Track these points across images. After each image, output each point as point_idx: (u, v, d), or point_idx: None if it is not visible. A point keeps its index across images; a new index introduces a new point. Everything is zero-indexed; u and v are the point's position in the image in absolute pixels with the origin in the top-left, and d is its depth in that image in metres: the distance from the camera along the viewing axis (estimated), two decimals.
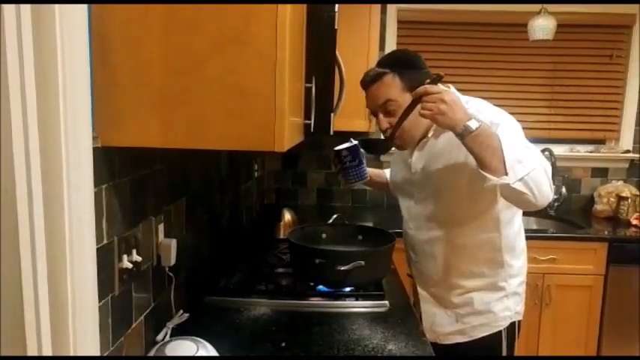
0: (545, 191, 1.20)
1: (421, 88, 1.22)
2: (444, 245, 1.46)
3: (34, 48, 0.71)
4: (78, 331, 0.80)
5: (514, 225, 1.46)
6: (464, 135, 1.18)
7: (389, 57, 1.43)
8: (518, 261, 1.49)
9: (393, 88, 1.36)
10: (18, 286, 0.73)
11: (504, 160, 1.17)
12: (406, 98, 1.32)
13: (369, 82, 1.39)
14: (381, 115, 1.40)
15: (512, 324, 1.49)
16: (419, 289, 1.59)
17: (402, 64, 1.37)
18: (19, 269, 0.72)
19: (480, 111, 1.31)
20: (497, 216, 1.40)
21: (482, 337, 1.48)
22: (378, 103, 1.38)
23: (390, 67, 1.37)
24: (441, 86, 1.24)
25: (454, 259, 1.46)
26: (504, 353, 1.49)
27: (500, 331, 1.47)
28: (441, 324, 1.51)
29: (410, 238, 1.57)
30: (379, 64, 1.41)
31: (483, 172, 1.20)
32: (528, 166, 1.18)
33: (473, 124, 1.17)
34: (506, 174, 1.17)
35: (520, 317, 1.52)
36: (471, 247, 1.43)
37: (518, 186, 1.18)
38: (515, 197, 1.22)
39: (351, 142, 1.52)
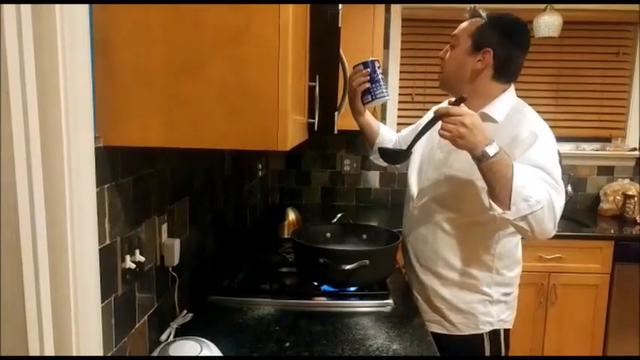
0: (546, 230, 1.20)
1: (443, 108, 1.21)
2: (439, 230, 1.45)
3: (34, 47, 0.71)
4: (81, 331, 0.80)
5: (515, 236, 1.45)
6: (481, 160, 1.18)
7: (498, 15, 1.42)
8: (510, 272, 1.47)
9: (466, 30, 1.41)
10: (20, 287, 0.72)
11: (511, 195, 1.17)
12: (465, 44, 1.39)
13: (468, 16, 1.44)
14: (448, 45, 1.47)
15: (496, 331, 1.47)
16: (406, 272, 1.59)
17: (493, 23, 1.38)
18: (21, 270, 0.72)
19: (526, 118, 1.33)
20: (500, 223, 1.39)
21: (463, 336, 1.46)
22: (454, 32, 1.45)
23: (487, 18, 1.39)
24: (464, 107, 1.23)
25: (445, 248, 1.45)
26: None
27: (481, 335, 1.45)
28: (422, 309, 1.50)
29: (409, 218, 1.57)
30: (491, 14, 1.42)
31: (490, 200, 1.21)
32: (534, 205, 1.16)
33: (491, 151, 1.16)
34: (510, 208, 1.17)
35: (506, 326, 1.49)
36: (464, 242, 1.42)
37: (518, 222, 1.19)
38: (514, 228, 1.25)
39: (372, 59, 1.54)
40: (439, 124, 1.22)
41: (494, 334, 1.46)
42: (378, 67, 1.52)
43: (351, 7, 2.37)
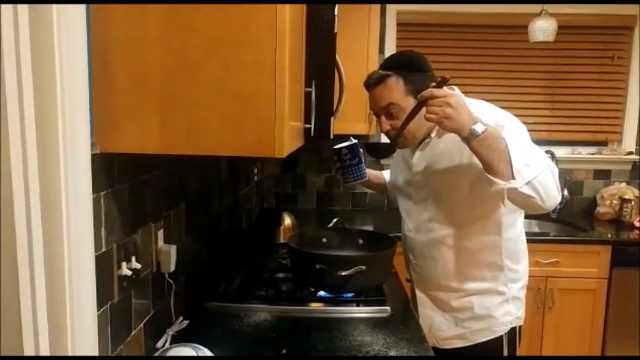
0: (552, 194, 1.19)
1: (427, 92, 1.21)
2: (444, 248, 1.44)
3: (31, 53, 0.71)
4: (77, 339, 0.80)
5: (516, 228, 1.45)
6: (470, 139, 1.17)
7: (393, 59, 1.42)
8: (519, 265, 1.48)
9: (396, 91, 1.34)
10: (16, 294, 0.72)
11: (511, 164, 1.16)
12: (409, 102, 1.32)
13: (372, 84, 1.38)
14: (383, 118, 1.39)
15: (513, 329, 1.47)
16: (417, 292, 1.57)
17: (407, 66, 1.36)
18: (17, 277, 0.71)
19: (484, 113, 1.30)
20: (500, 219, 1.39)
21: (483, 342, 1.46)
22: (381, 105, 1.38)
23: (394, 70, 1.35)
24: (446, 89, 1.23)
25: (454, 262, 1.44)
26: None
27: (501, 337, 1.46)
28: (440, 328, 1.50)
29: (409, 241, 1.56)
30: (383, 66, 1.40)
31: (490, 176, 1.19)
32: (535, 169, 1.17)
33: (479, 128, 1.16)
34: (514, 178, 1.17)
35: (521, 322, 1.50)
36: (471, 251, 1.42)
37: (526, 190, 1.17)
38: (522, 201, 1.22)
39: (351, 140, 1.52)
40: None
41: (511, 332, 1.47)
42: (345, 154, 1.51)
43: (346, 11, 2.37)
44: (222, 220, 1.85)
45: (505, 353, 1.47)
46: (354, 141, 1.52)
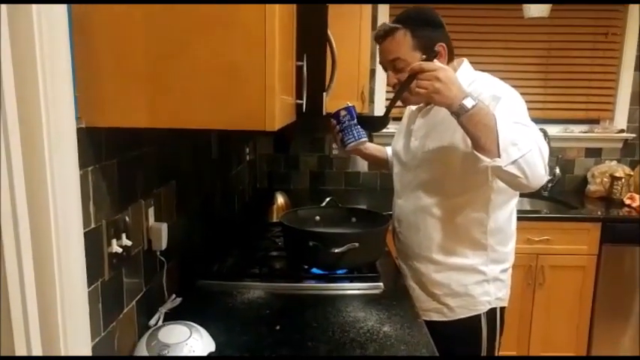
0: (538, 174, 1.18)
1: (416, 65, 1.20)
2: (428, 217, 1.44)
3: (9, 25, 0.68)
4: (67, 317, 0.79)
5: (506, 210, 1.44)
6: (459, 114, 1.16)
7: (404, 13, 1.40)
8: (504, 247, 1.46)
9: (403, 45, 1.35)
10: (2, 273, 0.70)
11: (498, 142, 1.15)
12: (415, 57, 1.33)
13: (381, 36, 1.39)
14: (390, 72, 1.40)
15: (493, 310, 1.47)
16: (399, 263, 1.59)
17: (416, 21, 1.36)
18: (2, 255, 0.70)
19: (485, 84, 1.29)
20: (489, 197, 1.39)
21: (460, 319, 1.46)
22: (388, 58, 1.39)
23: (403, 23, 1.35)
24: (437, 62, 1.21)
25: (437, 233, 1.44)
26: (484, 338, 1.47)
27: (479, 315, 1.46)
28: (419, 299, 1.50)
29: (397, 208, 1.57)
30: (394, 19, 1.39)
31: (477, 153, 1.19)
32: (523, 148, 1.15)
33: (468, 103, 1.15)
34: (500, 156, 1.16)
35: (502, 304, 1.49)
36: (456, 224, 1.42)
37: (511, 169, 1.16)
38: (507, 179, 1.21)
39: (347, 104, 1.52)
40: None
41: (491, 312, 1.47)
42: (344, 116, 1.50)
43: None
44: (214, 199, 1.84)
45: (484, 333, 1.46)
46: (351, 104, 1.53)
